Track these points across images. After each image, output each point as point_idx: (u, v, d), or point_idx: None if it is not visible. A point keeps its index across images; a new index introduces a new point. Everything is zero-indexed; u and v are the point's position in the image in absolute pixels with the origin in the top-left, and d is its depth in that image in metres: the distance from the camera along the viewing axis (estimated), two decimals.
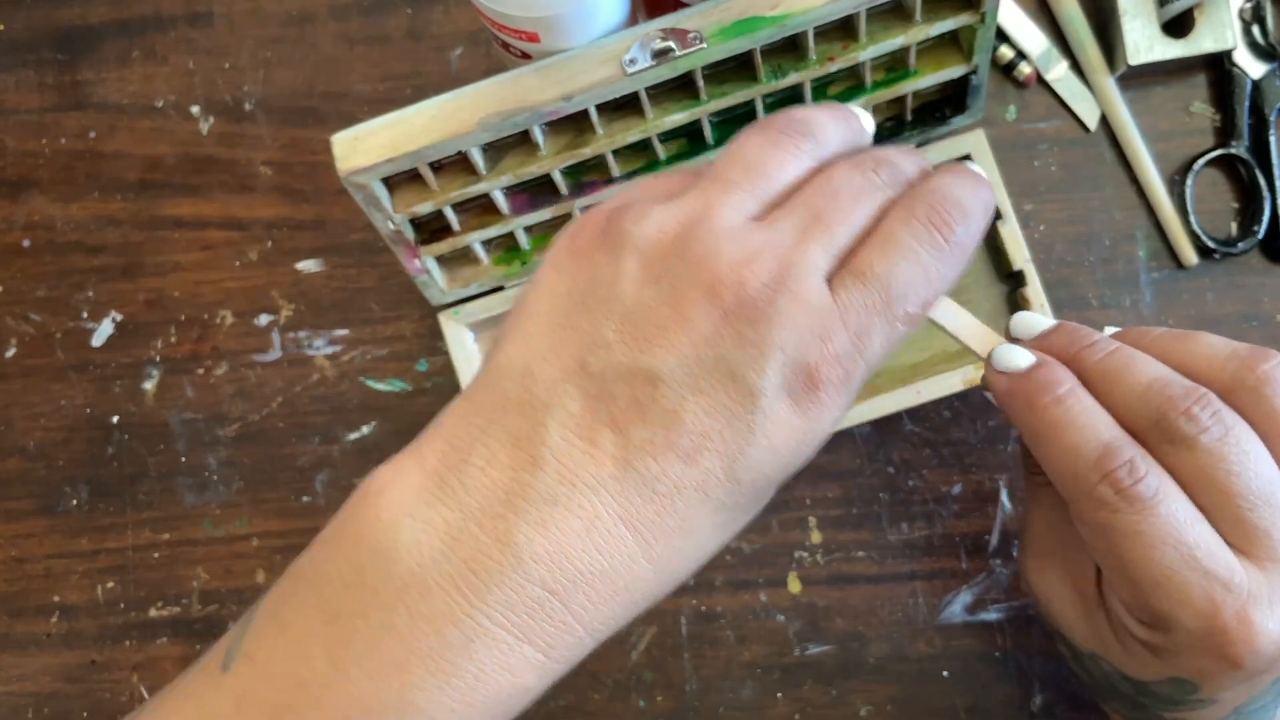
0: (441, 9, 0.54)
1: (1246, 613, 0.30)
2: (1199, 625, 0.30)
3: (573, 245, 0.31)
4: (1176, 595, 0.30)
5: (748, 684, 0.50)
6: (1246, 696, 0.33)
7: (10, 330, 0.54)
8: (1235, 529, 0.30)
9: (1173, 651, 0.32)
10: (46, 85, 0.55)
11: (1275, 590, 0.30)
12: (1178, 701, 0.33)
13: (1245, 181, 0.51)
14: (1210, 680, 0.32)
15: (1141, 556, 0.30)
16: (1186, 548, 0.30)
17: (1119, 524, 0.30)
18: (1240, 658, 0.30)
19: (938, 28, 0.42)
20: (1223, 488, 0.30)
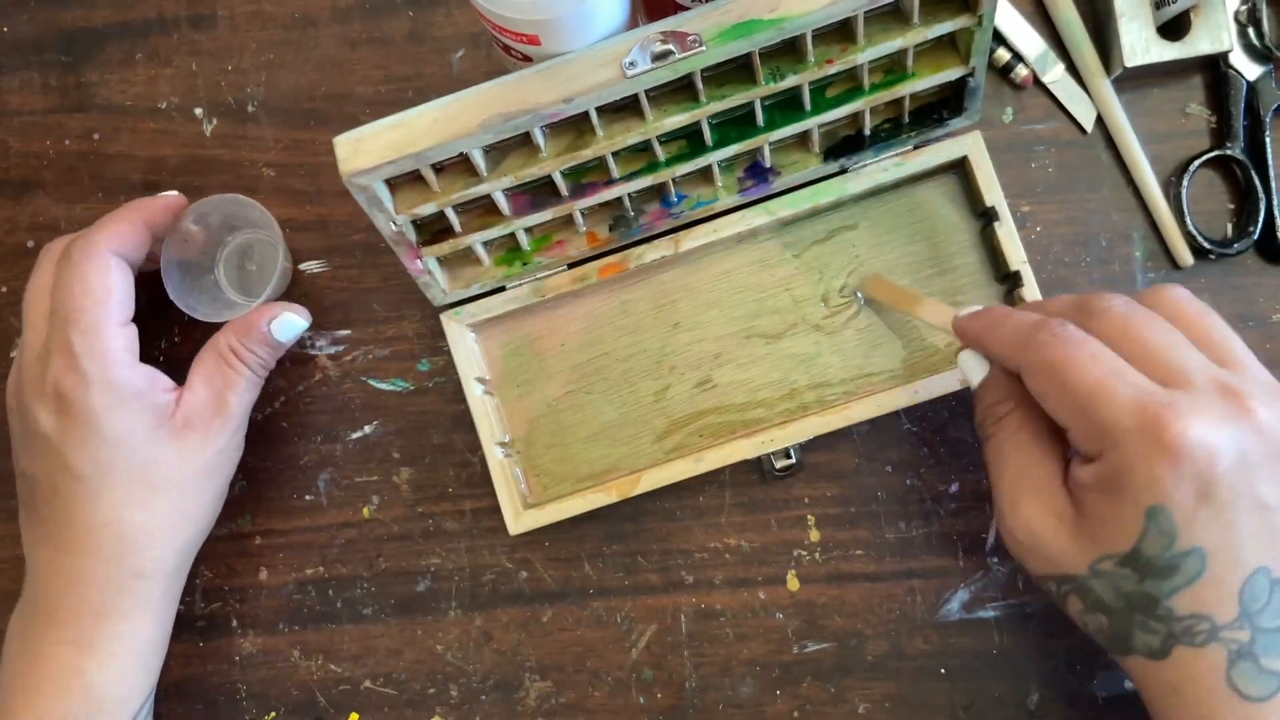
0: (443, 12, 0.54)
1: (1174, 405, 0.35)
2: (1134, 419, 0.35)
3: None
4: (1114, 400, 0.35)
5: (747, 681, 0.50)
6: (1226, 546, 0.35)
7: (14, 330, 0.54)
8: (1152, 367, 0.36)
9: (1124, 468, 0.35)
10: (50, 87, 0.56)
11: (1196, 402, 0.35)
12: (1171, 565, 0.35)
13: (1241, 183, 0.51)
14: (1164, 489, 0.35)
15: (1078, 378, 0.36)
16: (1113, 365, 0.36)
17: (1058, 355, 0.37)
18: (1174, 441, 0.34)
19: (935, 30, 0.42)
20: (1136, 337, 0.37)
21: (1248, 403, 0.35)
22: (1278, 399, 0.36)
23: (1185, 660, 0.36)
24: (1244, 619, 0.35)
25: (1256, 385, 0.37)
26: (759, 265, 0.51)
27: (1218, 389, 0.36)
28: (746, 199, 0.49)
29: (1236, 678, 0.35)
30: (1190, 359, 0.37)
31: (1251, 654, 0.35)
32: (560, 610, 0.51)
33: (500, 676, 0.51)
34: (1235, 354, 0.38)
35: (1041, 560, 0.38)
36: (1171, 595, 0.36)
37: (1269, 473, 0.35)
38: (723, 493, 0.51)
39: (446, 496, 0.52)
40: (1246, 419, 0.35)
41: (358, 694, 0.51)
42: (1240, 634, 0.35)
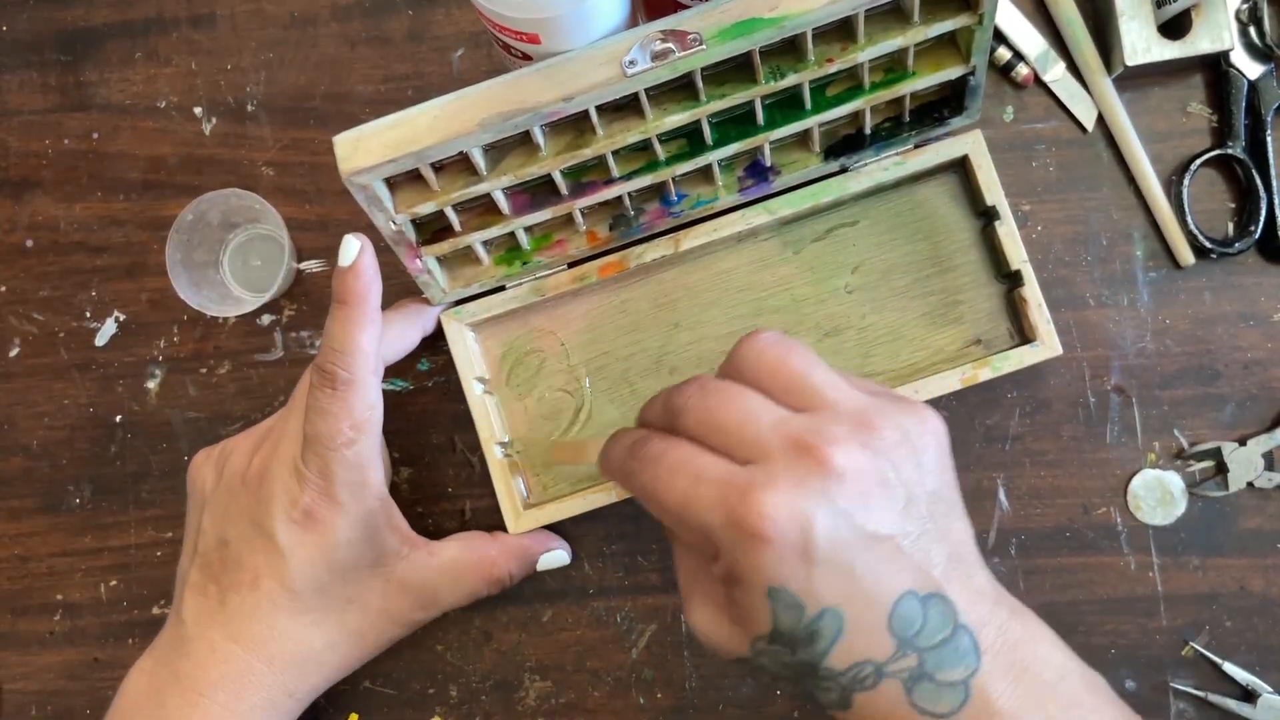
0: (443, 11, 0.54)
1: (751, 493, 0.35)
2: (721, 518, 0.35)
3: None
4: (700, 506, 0.36)
5: (747, 681, 0.50)
6: (855, 594, 0.35)
7: (14, 330, 0.54)
8: (732, 449, 0.36)
9: (734, 562, 0.36)
10: (50, 86, 0.55)
11: (773, 474, 0.35)
12: (811, 632, 0.35)
13: (1242, 182, 0.51)
14: (772, 570, 0.35)
15: (669, 496, 0.37)
16: (692, 473, 0.36)
17: (647, 478, 0.37)
18: (758, 527, 0.34)
19: (936, 29, 0.42)
20: (714, 425, 0.37)
21: (820, 452, 0.35)
22: (860, 427, 0.36)
23: (866, 704, 0.36)
24: (904, 647, 0.35)
25: (833, 424, 0.36)
26: (759, 264, 0.50)
27: (791, 448, 0.35)
28: (746, 198, 0.49)
29: (919, 701, 0.36)
30: (761, 425, 0.36)
31: (925, 674, 0.35)
32: (560, 610, 0.51)
33: (500, 676, 0.51)
34: (814, 391, 0.37)
35: (716, 648, 0.39)
36: (825, 656, 0.36)
37: (870, 508, 0.35)
38: None
39: (446, 496, 0.52)
40: (823, 470, 0.35)
41: (357, 694, 0.51)
42: (907, 661, 0.35)
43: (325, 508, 0.43)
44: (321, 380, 0.43)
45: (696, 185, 0.49)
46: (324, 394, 0.43)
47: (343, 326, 0.43)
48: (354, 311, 0.43)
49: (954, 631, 0.35)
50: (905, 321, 0.50)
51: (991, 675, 0.35)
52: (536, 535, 0.49)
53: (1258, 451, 0.49)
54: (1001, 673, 0.36)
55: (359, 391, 0.43)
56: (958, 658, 0.35)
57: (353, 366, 0.43)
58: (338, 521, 0.43)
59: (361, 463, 0.43)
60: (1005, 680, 0.36)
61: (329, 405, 0.42)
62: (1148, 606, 0.50)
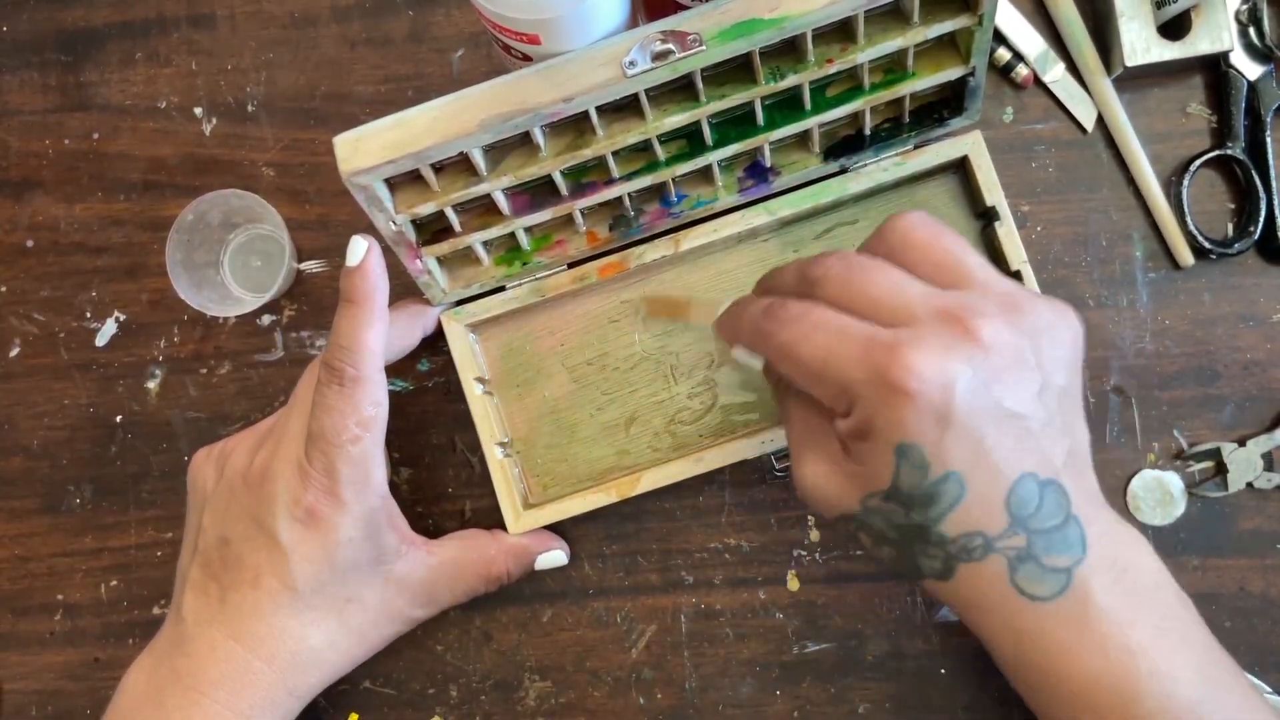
0: (443, 11, 0.54)
1: (898, 349, 0.36)
2: (864, 372, 0.36)
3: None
4: (842, 360, 0.37)
5: (747, 681, 0.50)
6: (981, 464, 0.36)
7: (14, 330, 0.54)
8: (876, 315, 0.37)
9: (870, 416, 0.36)
10: (50, 86, 0.56)
11: (919, 336, 0.36)
12: (930, 494, 0.36)
13: (1241, 182, 0.51)
14: (906, 427, 0.36)
15: (810, 350, 0.37)
16: (835, 329, 0.37)
17: (787, 336, 0.38)
18: (903, 381, 0.35)
19: (935, 30, 0.42)
20: (856, 293, 0.38)
21: (969, 323, 0.36)
22: (1008, 309, 0.37)
23: (969, 576, 0.37)
24: (1016, 525, 0.36)
25: (983, 300, 0.37)
26: (759, 265, 0.50)
27: (939, 318, 0.36)
28: (746, 199, 0.49)
29: (1022, 581, 0.37)
30: (910, 295, 0.37)
31: (1032, 556, 0.36)
32: (560, 610, 0.51)
33: (500, 676, 0.51)
34: (966, 271, 0.38)
35: (823, 504, 0.40)
36: (940, 521, 0.37)
37: (1008, 384, 0.36)
38: (723, 493, 0.51)
39: (446, 496, 0.52)
40: (970, 340, 0.36)
41: (357, 694, 0.51)
42: (1016, 540, 0.36)
43: (328, 506, 0.43)
44: (329, 377, 0.43)
45: (696, 186, 0.49)
46: (331, 390, 0.43)
47: (350, 325, 0.43)
48: (361, 310, 0.43)
49: (1065, 520, 0.36)
50: None
51: (1094, 569, 0.36)
52: (536, 535, 0.49)
53: (1257, 452, 0.49)
54: (1104, 569, 0.36)
55: (366, 389, 0.43)
56: (1065, 545, 0.36)
57: (360, 364, 0.43)
58: (340, 520, 0.43)
59: (365, 461, 0.43)
60: (1106, 576, 0.36)
61: (336, 402, 0.43)
62: None
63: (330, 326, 0.52)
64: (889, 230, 0.40)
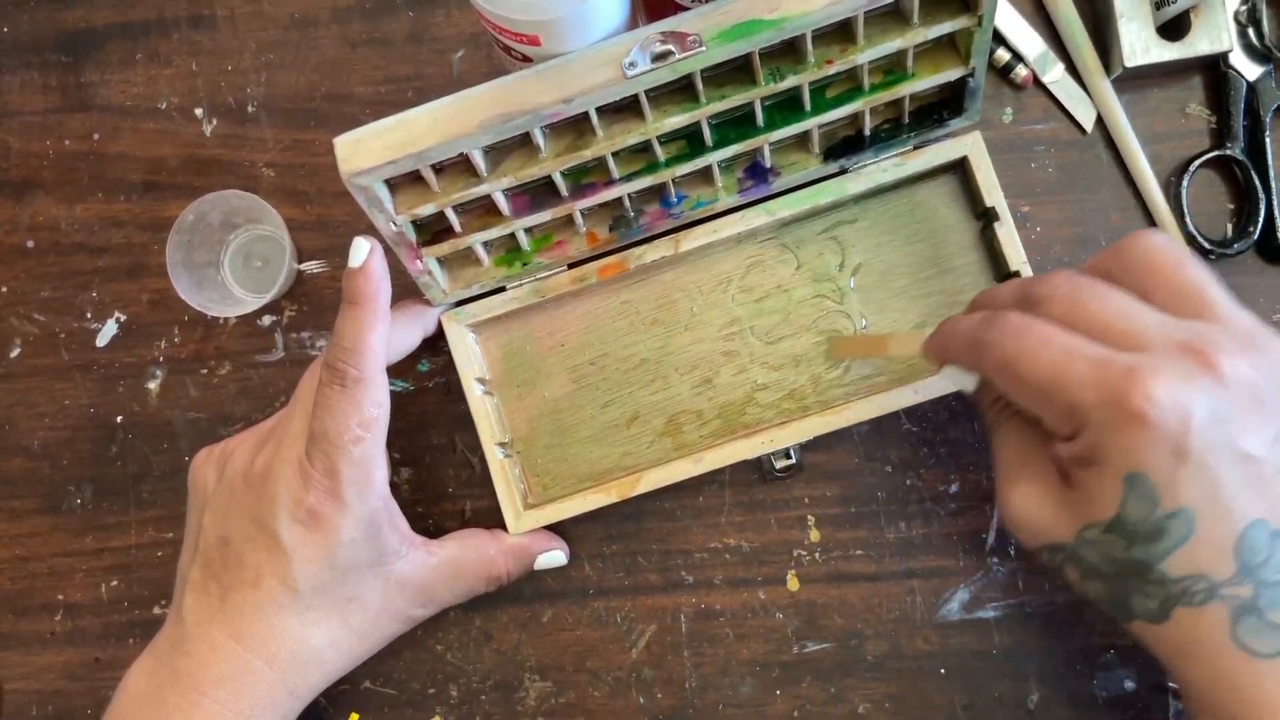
0: (443, 12, 0.54)
1: (1136, 373, 0.34)
2: (1098, 395, 0.35)
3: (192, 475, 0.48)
4: (1072, 379, 0.35)
5: (747, 681, 0.50)
6: (1214, 504, 0.34)
7: (14, 330, 0.54)
8: (1108, 337, 0.36)
9: (1100, 441, 0.35)
10: (50, 87, 0.56)
11: (1157, 363, 0.34)
12: (1158, 529, 0.35)
13: (1241, 183, 0.51)
14: (1138, 455, 0.34)
15: (1031, 367, 0.36)
16: (1064, 344, 0.36)
17: (1007, 353, 0.37)
18: (1141, 408, 0.34)
19: (935, 31, 0.42)
20: (1083, 314, 0.37)
21: (1210, 357, 0.34)
22: (1248, 347, 0.35)
23: (1187, 621, 0.36)
24: (1244, 574, 0.35)
25: (1223, 335, 0.36)
26: (759, 265, 0.51)
27: (1177, 347, 0.35)
28: (746, 199, 0.49)
29: (1243, 634, 0.35)
30: (1145, 321, 0.36)
31: (1256, 609, 0.35)
32: (560, 610, 0.51)
33: (500, 676, 0.51)
34: (1209, 302, 0.37)
35: (1032, 533, 0.39)
36: (1164, 559, 0.35)
37: (1246, 424, 0.35)
38: (723, 493, 0.51)
39: (446, 496, 0.52)
40: (1210, 373, 0.34)
41: (358, 693, 0.51)
42: (1241, 590, 0.35)
43: (330, 507, 0.43)
44: (331, 378, 0.43)
45: (696, 186, 0.49)
46: (333, 391, 0.43)
47: (353, 326, 0.43)
48: (364, 311, 0.43)
49: None
50: (905, 322, 0.50)
51: None
52: (536, 535, 0.49)
53: None
54: None
55: (368, 390, 0.43)
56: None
57: (362, 365, 0.43)
58: (342, 521, 0.43)
59: (367, 461, 0.43)
60: None
61: (338, 403, 0.43)
62: None
63: (331, 327, 0.53)
64: (1129, 248, 0.38)
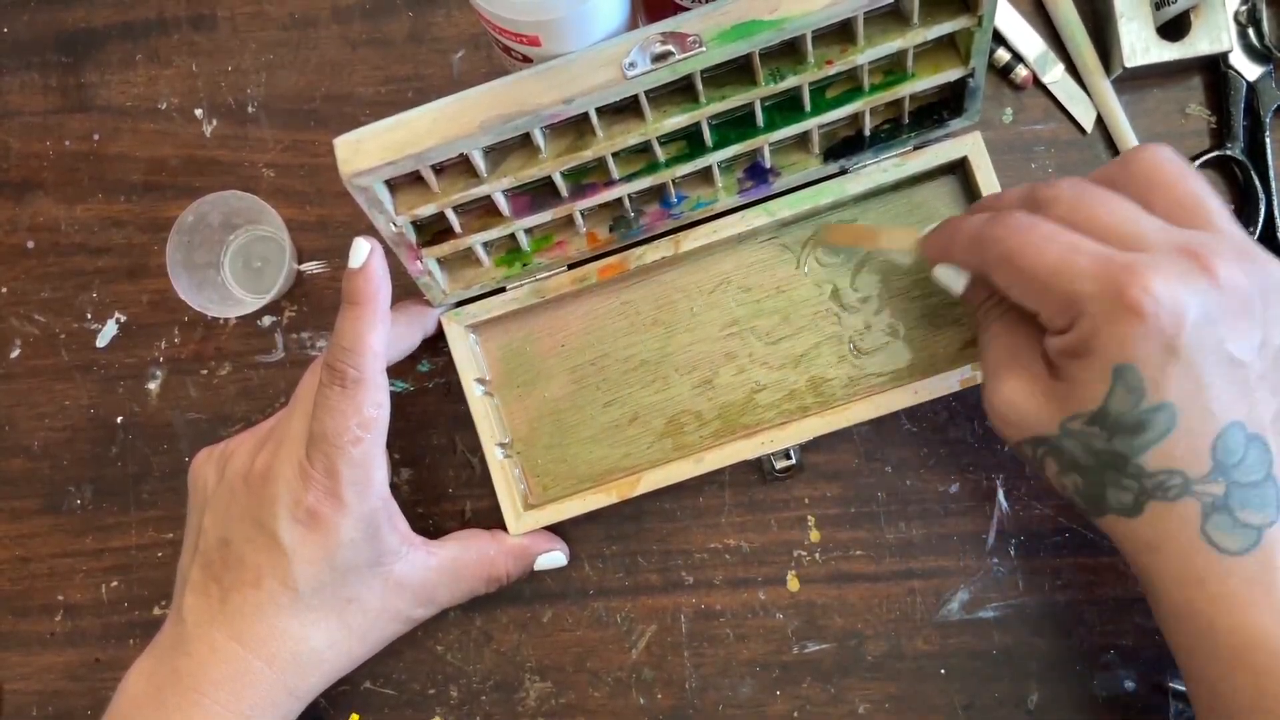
0: (443, 12, 0.54)
1: (1136, 268, 0.35)
2: (1097, 286, 0.36)
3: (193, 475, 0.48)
4: (1074, 272, 0.36)
5: (747, 681, 0.50)
6: (1197, 401, 0.35)
7: (15, 331, 0.54)
8: (1110, 239, 0.37)
9: (1091, 332, 0.36)
10: (50, 88, 0.56)
11: (1156, 261, 0.35)
12: (1140, 421, 0.36)
13: (1241, 183, 0.51)
14: (1130, 347, 0.35)
15: (1035, 260, 0.37)
16: (1069, 240, 0.37)
17: (1012, 246, 0.38)
18: (1138, 300, 0.35)
19: (935, 31, 0.42)
20: (1087, 216, 0.38)
21: (1208, 261, 0.35)
22: (1244, 257, 0.36)
23: (1159, 515, 0.37)
24: (1218, 473, 0.36)
25: (1220, 243, 0.37)
26: (759, 266, 0.51)
27: (1177, 249, 0.36)
28: (746, 200, 0.49)
29: (1211, 530, 0.36)
30: (1146, 226, 0.37)
31: (1226, 507, 0.36)
32: (560, 610, 0.51)
33: (500, 677, 0.51)
34: (1207, 215, 0.38)
35: (1016, 425, 0.39)
36: (1142, 452, 0.36)
37: (1236, 328, 0.36)
38: (723, 493, 0.51)
39: (446, 497, 0.52)
40: (1207, 276, 0.35)
41: (358, 694, 0.51)
42: (1214, 487, 0.36)
43: (330, 507, 0.43)
44: (331, 378, 0.43)
45: (696, 187, 0.49)
46: (333, 392, 0.43)
47: (353, 326, 0.43)
48: (364, 312, 0.43)
49: (1265, 478, 0.36)
50: (905, 322, 0.50)
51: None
52: (536, 536, 0.49)
53: None
54: None
55: (368, 390, 0.43)
56: (1261, 503, 0.36)
57: (362, 365, 0.43)
58: (341, 521, 0.43)
59: (367, 462, 0.43)
60: None
61: (337, 403, 0.43)
62: (1147, 607, 0.50)
63: (331, 327, 0.53)
64: (1134, 159, 0.39)
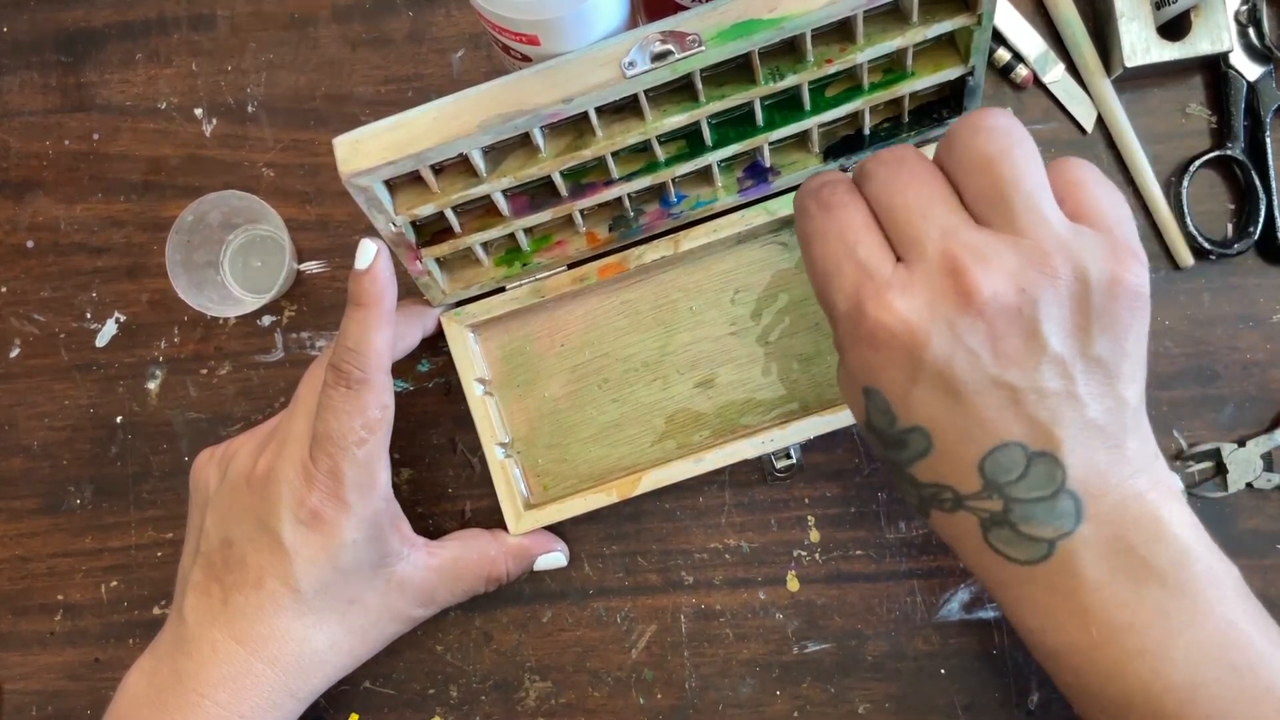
0: (443, 12, 0.54)
1: (882, 294, 0.35)
2: (846, 304, 0.36)
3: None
4: (836, 284, 0.37)
5: (747, 681, 0.50)
6: (952, 425, 0.35)
7: (14, 330, 0.54)
8: (896, 236, 0.36)
9: (842, 349, 0.37)
10: (50, 87, 0.56)
11: (913, 282, 0.35)
12: (898, 440, 0.36)
13: (1241, 183, 0.51)
14: (871, 372, 0.36)
15: (820, 252, 0.37)
16: (850, 243, 0.37)
17: (811, 228, 0.38)
18: (872, 330, 0.35)
19: (935, 30, 0.42)
20: (889, 203, 0.37)
21: (969, 279, 0.34)
22: (1031, 263, 0.34)
23: (943, 522, 0.38)
24: (991, 490, 0.35)
25: (1006, 249, 0.34)
26: (759, 265, 0.51)
27: (944, 265, 0.34)
28: (746, 199, 0.49)
29: (996, 542, 0.36)
30: (928, 225, 0.35)
31: (1007, 521, 0.35)
32: (560, 610, 0.51)
33: (500, 677, 0.51)
34: (1008, 210, 0.35)
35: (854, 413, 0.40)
36: (910, 465, 0.37)
37: (996, 350, 0.34)
38: (723, 493, 0.51)
39: (446, 496, 0.52)
40: (963, 301, 0.34)
41: (358, 694, 0.51)
42: (990, 504, 0.36)
43: (333, 509, 0.43)
44: (336, 379, 0.43)
45: (696, 186, 0.49)
46: (338, 392, 0.43)
47: (358, 328, 0.43)
48: (370, 313, 0.43)
49: (1056, 493, 0.35)
50: None
51: (1086, 543, 0.35)
52: (536, 535, 0.49)
53: (1257, 452, 0.49)
54: (1101, 544, 0.35)
55: (373, 391, 0.43)
56: (1052, 517, 0.35)
57: (367, 366, 0.43)
58: (344, 522, 0.43)
59: (371, 463, 0.43)
60: (1101, 550, 0.35)
61: (342, 404, 0.43)
62: None
63: (331, 327, 0.53)
64: (956, 133, 0.37)
